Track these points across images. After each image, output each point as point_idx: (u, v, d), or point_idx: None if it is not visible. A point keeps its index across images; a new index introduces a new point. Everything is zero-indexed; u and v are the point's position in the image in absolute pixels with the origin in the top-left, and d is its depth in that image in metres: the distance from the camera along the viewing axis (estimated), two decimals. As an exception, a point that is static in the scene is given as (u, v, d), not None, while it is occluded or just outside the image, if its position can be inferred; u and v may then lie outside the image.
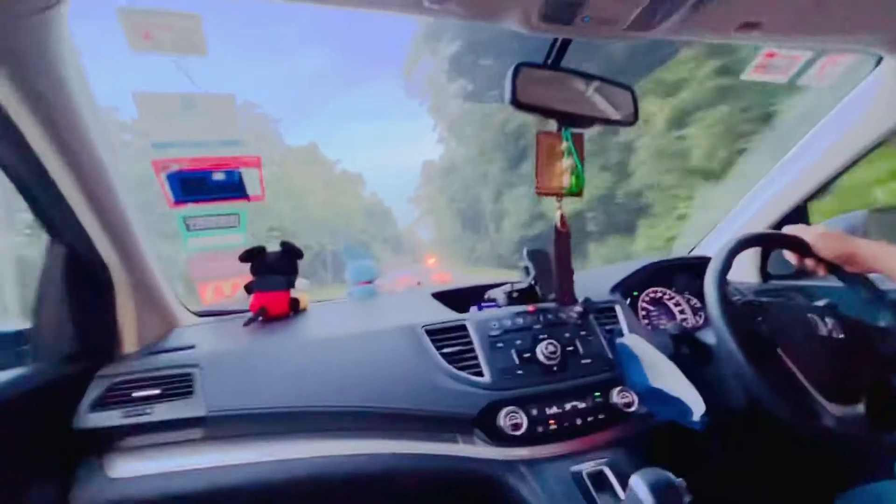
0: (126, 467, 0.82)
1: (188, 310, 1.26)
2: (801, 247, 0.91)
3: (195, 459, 0.84)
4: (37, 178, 0.70)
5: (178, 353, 0.97)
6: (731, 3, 0.73)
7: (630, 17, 0.73)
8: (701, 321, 1.36)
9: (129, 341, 0.99)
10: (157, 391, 0.87)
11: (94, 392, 0.86)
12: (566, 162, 0.91)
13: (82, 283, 0.87)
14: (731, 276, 0.91)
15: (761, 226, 1.41)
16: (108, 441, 0.84)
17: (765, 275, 1.44)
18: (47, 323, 0.84)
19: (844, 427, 0.76)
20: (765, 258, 1.44)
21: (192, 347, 0.99)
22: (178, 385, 0.89)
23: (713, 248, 1.52)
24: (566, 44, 0.83)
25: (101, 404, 0.85)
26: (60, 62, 0.61)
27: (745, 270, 1.46)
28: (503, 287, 1.17)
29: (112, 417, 0.83)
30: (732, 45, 1.01)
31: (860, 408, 0.79)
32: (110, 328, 0.94)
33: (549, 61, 0.85)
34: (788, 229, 0.95)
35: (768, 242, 1.09)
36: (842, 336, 0.85)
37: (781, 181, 1.36)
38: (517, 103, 0.82)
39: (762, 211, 1.41)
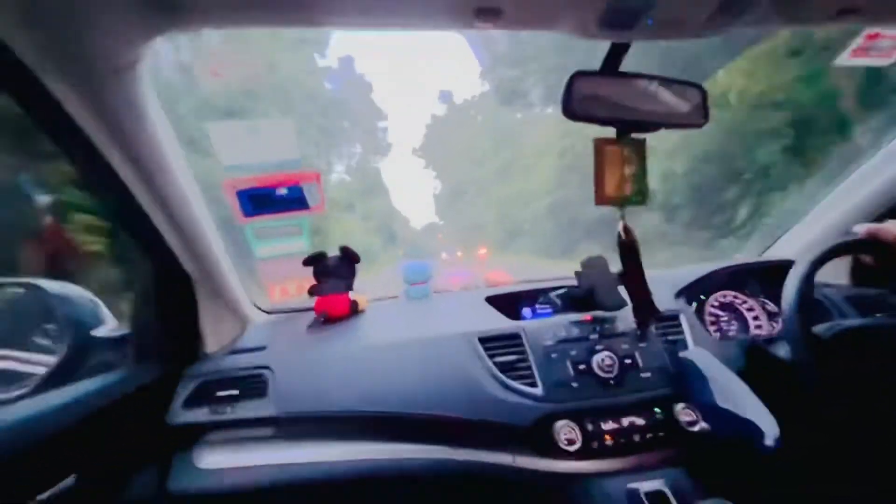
0: (213, 459, 0.92)
1: (258, 308, 1.36)
2: (877, 249, 0.80)
3: (269, 455, 0.92)
4: (129, 207, 0.79)
5: (252, 355, 1.06)
6: None
7: (704, 15, 0.67)
8: (777, 328, 1.26)
9: (210, 341, 1.09)
10: (235, 391, 0.96)
11: (184, 391, 0.96)
12: (628, 170, 0.86)
13: (169, 293, 0.97)
14: (818, 276, 0.83)
15: (847, 227, 1.26)
16: (197, 436, 0.94)
17: (857, 278, 1.29)
18: (143, 329, 0.96)
19: None
20: (857, 260, 1.29)
21: (263, 349, 1.08)
22: (252, 386, 0.97)
23: (789, 250, 1.38)
24: (625, 48, 0.77)
25: (191, 402, 0.95)
26: (144, 107, 0.68)
27: (836, 272, 1.31)
28: (559, 291, 1.15)
29: (200, 414, 0.93)
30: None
31: None
32: (195, 330, 1.05)
33: (607, 67, 0.80)
34: (860, 228, 0.83)
35: (853, 249, 0.96)
36: None
37: (872, 182, 1.21)
38: (572, 114, 0.78)
39: (848, 212, 1.25)
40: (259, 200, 1.00)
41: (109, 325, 0.99)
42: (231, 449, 0.94)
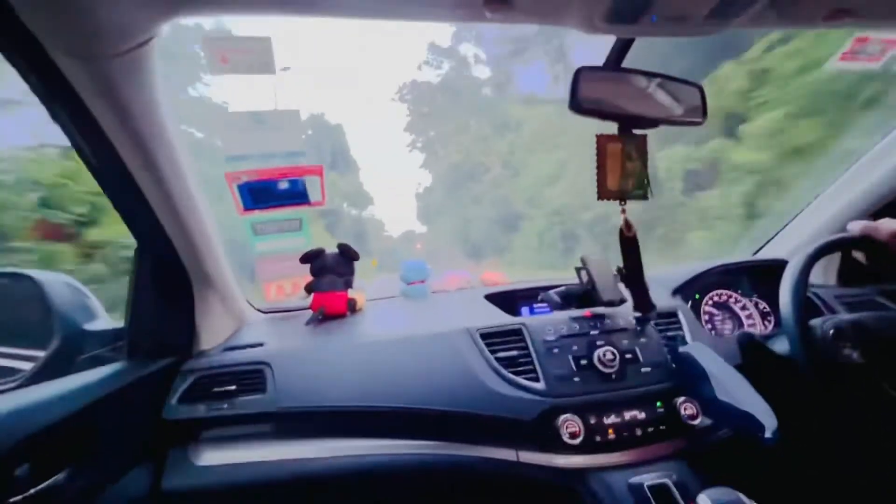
0: (209, 455, 0.90)
1: (254, 307, 1.34)
2: (870, 247, 0.83)
3: (266, 451, 0.90)
4: (131, 195, 0.78)
5: (250, 351, 1.04)
6: None
7: (704, 12, 0.69)
8: (770, 327, 1.28)
9: (206, 338, 1.07)
10: (233, 387, 0.94)
11: (180, 386, 0.94)
12: (629, 165, 0.88)
13: (167, 287, 0.95)
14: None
15: (839, 227, 1.30)
16: (193, 432, 0.92)
17: (846, 278, 1.32)
18: (138, 323, 0.93)
19: None
20: (847, 260, 1.32)
21: (261, 345, 1.06)
22: (251, 381, 0.95)
23: (781, 250, 1.42)
24: (628, 44, 0.79)
25: (187, 397, 0.93)
26: (151, 90, 0.67)
27: (825, 271, 1.35)
28: (557, 289, 1.16)
29: (197, 410, 0.91)
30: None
31: None
32: (191, 326, 1.02)
33: (610, 62, 0.82)
34: (854, 226, 0.86)
35: (847, 246, 0.99)
36: None
37: (862, 180, 1.25)
38: (579, 108, 0.80)
39: (840, 211, 1.29)
40: (260, 193, 0.99)
41: (102, 319, 0.97)
42: (228, 445, 0.91)
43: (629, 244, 0.94)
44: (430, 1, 0.65)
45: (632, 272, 0.96)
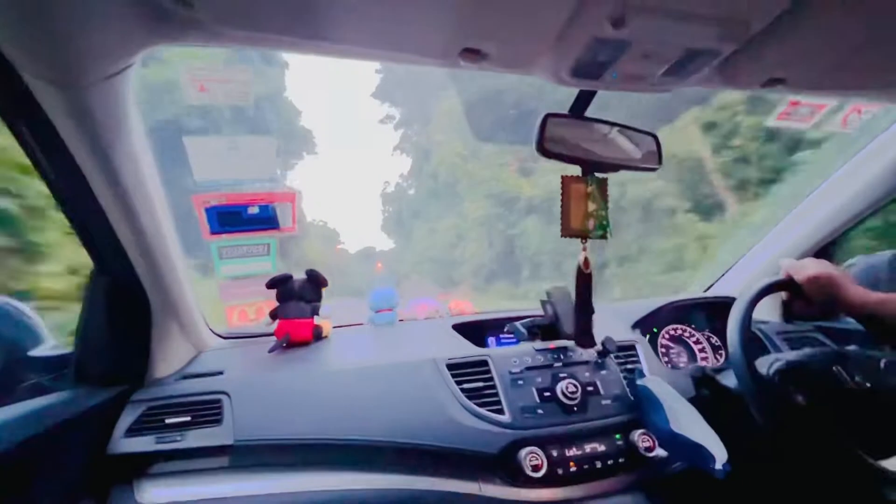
0: (156, 492, 0.84)
1: (214, 332, 1.29)
2: (792, 288, 0.90)
3: (221, 487, 0.86)
4: (93, 216, 0.75)
5: (208, 380, 1.00)
6: (757, 60, 0.75)
7: (658, 73, 0.76)
8: (721, 360, 1.35)
9: (161, 365, 1.02)
10: (187, 418, 0.89)
11: (128, 417, 0.89)
12: (591, 206, 0.93)
13: (122, 310, 0.91)
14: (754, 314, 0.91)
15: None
16: (140, 466, 0.86)
17: (788, 314, 1.42)
18: (88, 348, 0.88)
19: None
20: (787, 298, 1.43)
21: (220, 373, 1.02)
22: (207, 412, 0.91)
23: (730, 286, 1.51)
24: (591, 95, 0.86)
25: (135, 430, 0.88)
26: (125, 116, 0.67)
27: (769, 308, 1.44)
28: (523, 321, 1.19)
29: (145, 443, 0.86)
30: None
31: None
32: (145, 352, 0.98)
33: (575, 110, 0.88)
34: (783, 264, 0.94)
35: (774, 289, 0.99)
36: (868, 386, 0.84)
37: (805, 221, 1.36)
38: (544, 151, 0.85)
39: (785, 250, 1.40)
40: (228, 218, 0.98)
41: (47, 343, 0.91)
42: (178, 481, 0.86)
43: (584, 280, 0.98)
44: (413, 46, 0.69)
45: (581, 307, 1.01)
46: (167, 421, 0.89)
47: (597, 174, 0.94)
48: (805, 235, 1.37)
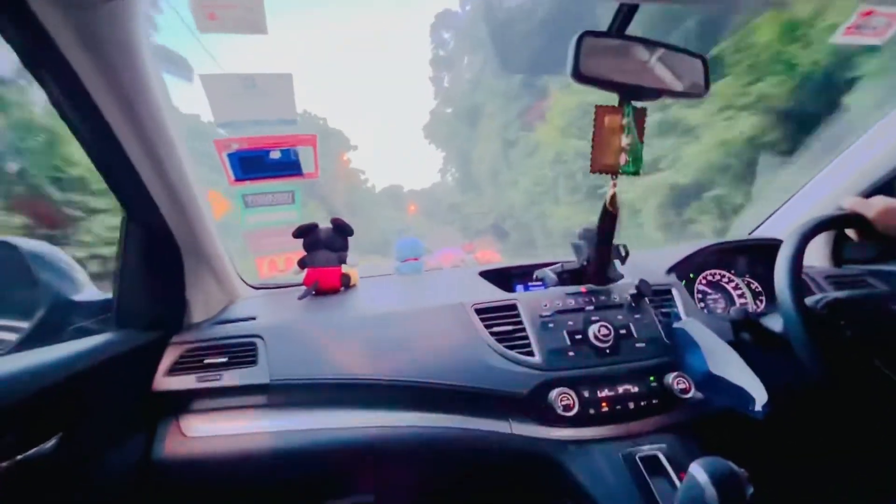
0: (200, 427, 0.89)
1: (246, 283, 1.32)
2: (860, 224, 0.83)
3: (259, 423, 0.90)
4: (120, 163, 0.75)
5: (242, 324, 1.02)
6: None
7: None
8: (762, 306, 1.29)
9: (197, 312, 1.05)
10: (225, 359, 0.93)
11: (169, 358, 0.93)
12: (625, 139, 0.86)
13: (156, 259, 0.93)
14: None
15: (833, 208, 1.30)
16: (183, 403, 0.91)
17: (838, 258, 1.33)
18: (127, 294, 0.91)
19: None
20: (838, 240, 1.33)
21: (253, 319, 1.05)
22: (243, 354, 0.94)
23: (777, 230, 1.42)
24: (633, 9, 0.77)
25: (176, 369, 0.92)
26: (137, 46, 0.64)
27: (816, 253, 1.36)
28: (553, 267, 1.15)
29: (187, 381, 0.90)
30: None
31: None
32: (181, 299, 1.01)
33: (614, 29, 0.79)
34: (845, 202, 0.86)
35: (839, 223, 0.94)
36: None
37: (858, 160, 1.25)
38: (579, 75, 0.77)
39: (834, 193, 1.29)
40: (251, 163, 0.96)
41: (89, 289, 0.95)
42: (219, 417, 0.91)
43: (610, 219, 0.94)
44: None
45: (601, 245, 0.99)
46: (206, 361, 0.92)
47: (635, 103, 0.87)
48: (864, 172, 1.25)
